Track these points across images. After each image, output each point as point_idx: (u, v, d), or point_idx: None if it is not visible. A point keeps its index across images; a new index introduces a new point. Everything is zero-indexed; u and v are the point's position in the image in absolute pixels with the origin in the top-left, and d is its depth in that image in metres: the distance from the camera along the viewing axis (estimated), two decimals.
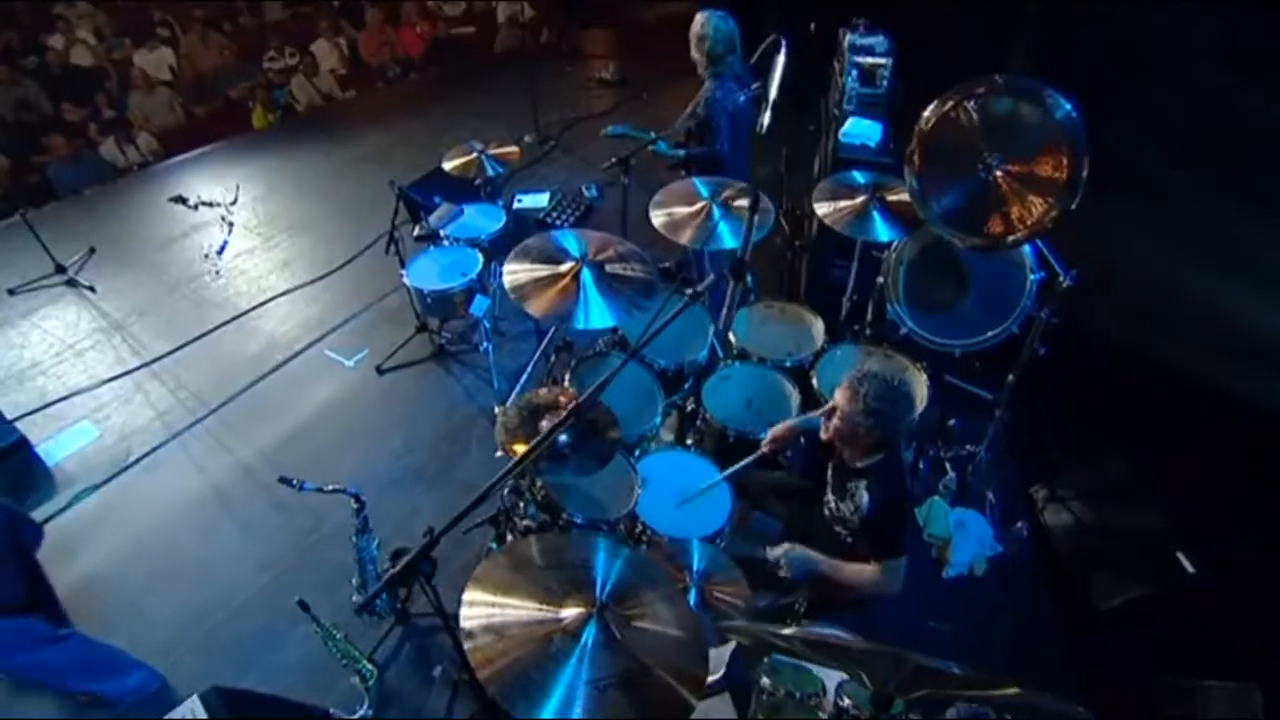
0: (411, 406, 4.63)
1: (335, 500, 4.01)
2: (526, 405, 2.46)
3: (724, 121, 4.24)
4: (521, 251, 2.79)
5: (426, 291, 4.12)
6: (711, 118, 4.24)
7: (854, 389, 2.47)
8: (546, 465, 2.28)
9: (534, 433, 2.30)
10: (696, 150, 4.35)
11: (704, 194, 3.38)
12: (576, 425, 2.26)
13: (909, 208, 3.11)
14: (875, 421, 2.45)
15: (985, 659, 3.29)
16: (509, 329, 5.12)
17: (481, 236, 4.48)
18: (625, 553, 1.93)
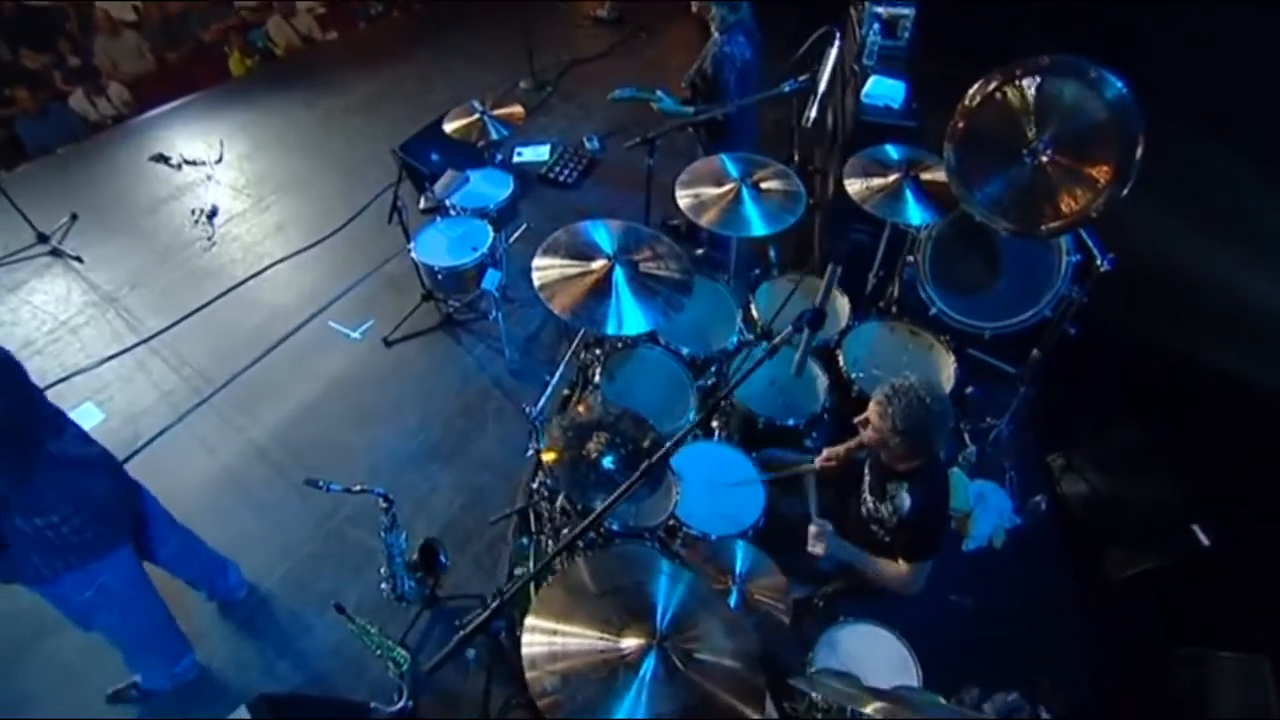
0: (423, 380, 4.56)
1: (354, 479, 3.99)
2: (571, 424, 2.39)
3: (732, 79, 4.07)
4: (551, 246, 2.67)
5: (438, 269, 3.99)
6: (720, 75, 4.06)
7: (883, 406, 2.43)
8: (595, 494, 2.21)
9: (580, 455, 2.23)
10: (704, 109, 4.17)
11: (733, 174, 3.24)
12: (623, 449, 2.21)
13: (943, 188, 3.00)
14: (904, 440, 2.42)
15: (1003, 632, 3.38)
16: (516, 295, 4.99)
17: (489, 206, 4.32)
18: (687, 578, 1.91)
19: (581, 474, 2.19)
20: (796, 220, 3.12)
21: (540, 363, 4.63)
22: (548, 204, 5.72)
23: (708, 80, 4.15)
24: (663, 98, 4.31)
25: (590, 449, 2.23)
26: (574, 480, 2.19)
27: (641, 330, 2.44)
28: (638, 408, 3.03)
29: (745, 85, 4.18)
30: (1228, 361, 3.28)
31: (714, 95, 4.16)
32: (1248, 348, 3.24)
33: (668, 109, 4.31)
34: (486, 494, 4.00)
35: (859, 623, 2.55)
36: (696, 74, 4.29)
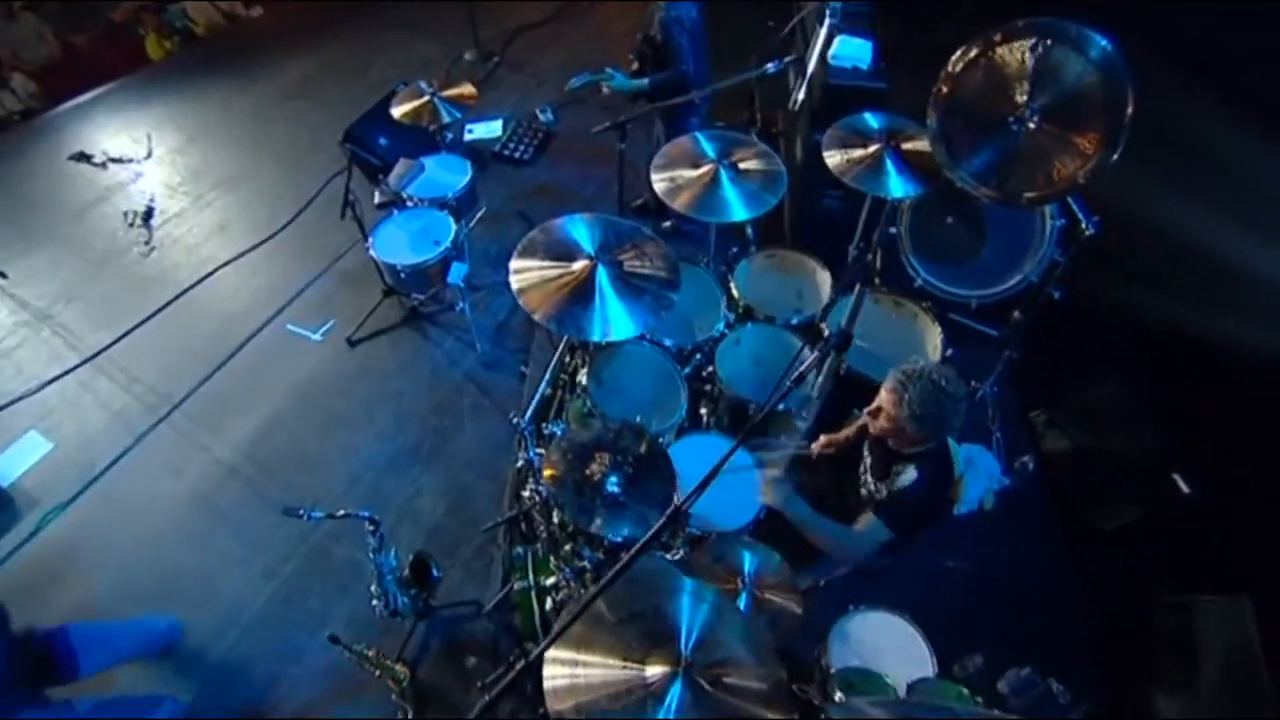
0: (392, 380, 4.38)
1: (333, 492, 3.89)
2: (570, 446, 2.27)
3: (685, 40, 3.92)
4: (528, 247, 2.52)
5: (400, 267, 3.79)
6: (671, 38, 3.91)
7: (898, 394, 2.37)
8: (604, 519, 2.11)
9: (583, 477, 2.13)
10: (660, 76, 4.02)
11: (710, 154, 3.10)
12: (627, 468, 2.11)
13: (926, 158, 2.92)
14: (921, 426, 2.37)
15: (1000, 594, 3.44)
16: (481, 282, 4.81)
17: (448, 195, 4.11)
18: (711, 596, 1.84)
19: (586, 498, 2.09)
20: (779, 201, 3.01)
21: (512, 352, 4.49)
22: (505, 184, 5.50)
23: (657, 47, 4.00)
24: (613, 75, 4.14)
25: (593, 470, 2.13)
26: (579, 505, 2.08)
27: (631, 335, 2.32)
28: (628, 406, 2.96)
29: (697, 45, 4.05)
30: (1202, 315, 3.31)
31: (666, 61, 4.00)
32: (1221, 301, 3.27)
33: (619, 86, 4.14)
34: (471, 495, 3.89)
35: (869, 611, 2.55)
36: (643, 43, 4.12)
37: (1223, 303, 3.35)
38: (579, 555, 2.40)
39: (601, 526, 2.01)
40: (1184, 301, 3.27)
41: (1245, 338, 3.28)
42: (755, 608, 2.37)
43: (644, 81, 4.07)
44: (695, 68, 4.04)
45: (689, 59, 3.97)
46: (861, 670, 2.18)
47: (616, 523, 2.05)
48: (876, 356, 3.49)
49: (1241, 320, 3.35)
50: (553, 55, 6.65)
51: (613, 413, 2.82)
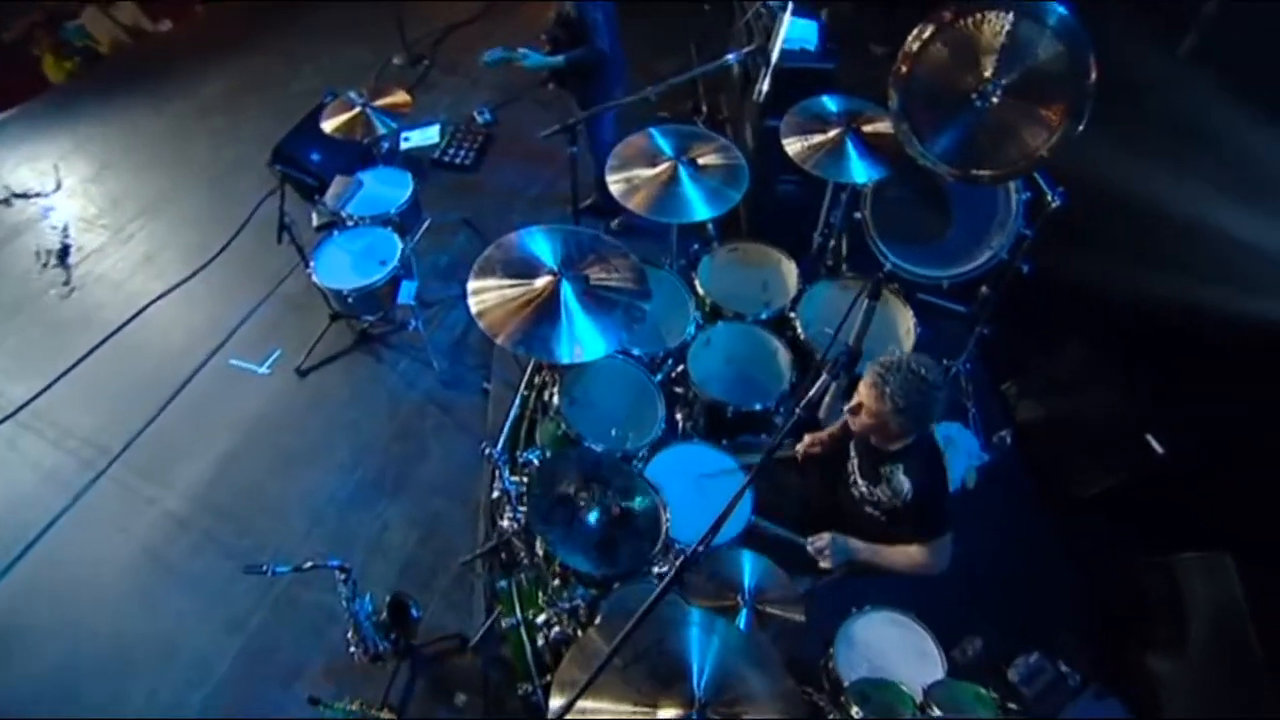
0: (348, 408, 4.16)
1: (295, 534, 3.68)
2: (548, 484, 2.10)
3: (600, 16, 3.83)
4: (485, 266, 2.36)
5: (346, 291, 3.58)
6: (586, 15, 3.82)
7: (878, 387, 2.30)
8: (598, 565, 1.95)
9: (572, 516, 1.98)
10: (576, 53, 3.91)
11: (668, 151, 2.97)
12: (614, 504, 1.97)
13: (888, 140, 2.85)
14: (904, 418, 2.31)
15: (991, 572, 3.42)
16: (433, 297, 4.61)
17: (390, 210, 3.90)
18: (721, 627, 1.74)
19: (575, 537, 1.94)
20: (741, 197, 2.91)
21: (472, 368, 4.32)
22: (448, 192, 5.28)
23: (571, 25, 3.90)
24: (528, 54, 4.01)
25: (580, 501, 1.98)
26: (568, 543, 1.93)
27: (603, 353, 2.19)
28: (604, 422, 2.83)
29: (612, 23, 3.96)
30: (1164, 277, 3.34)
31: (581, 40, 3.91)
32: (1182, 262, 3.29)
33: (534, 64, 4.01)
34: (443, 522, 3.72)
35: (872, 612, 2.48)
36: (556, 25, 4.02)
37: (1184, 264, 3.38)
38: (570, 590, 2.27)
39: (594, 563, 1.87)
40: (1146, 265, 3.29)
41: (1208, 298, 3.32)
42: (758, 623, 2.28)
43: (559, 59, 3.96)
44: (611, 46, 3.95)
45: (605, 36, 3.87)
46: (876, 681, 2.11)
47: (609, 556, 1.91)
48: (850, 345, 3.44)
49: (1203, 280, 3.39)
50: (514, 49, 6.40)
51: (588, 430, 2.68)
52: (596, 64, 3.98)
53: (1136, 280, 3.46)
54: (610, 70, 4.12)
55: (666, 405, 2.93)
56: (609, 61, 4.02)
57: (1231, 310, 3.29)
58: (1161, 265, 3.38)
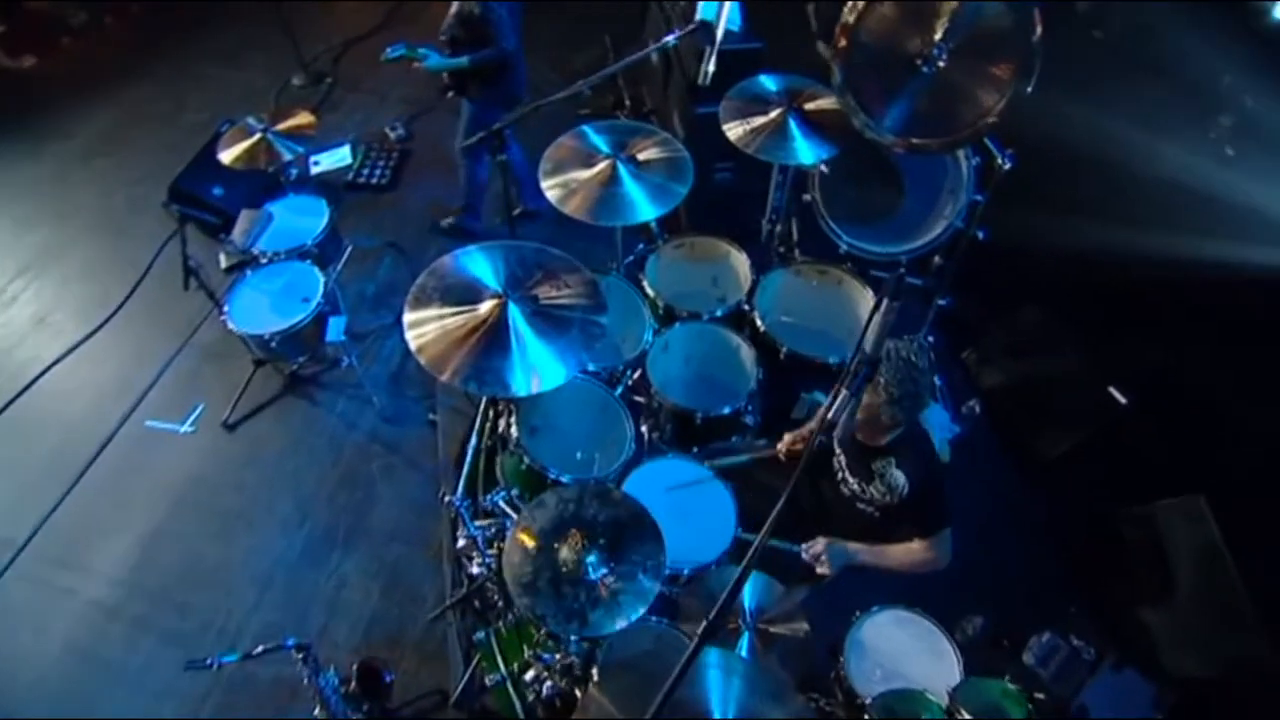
0: (286, 459, 3.85)
1: (243, 606, 3.36)
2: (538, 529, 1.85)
3: (504, 12, 3.65)
4: (420, 296, 2.12)
5: (268, 335, 3.28)
6: (489, 13, 3.62)
7: (882, 385, 2.17)
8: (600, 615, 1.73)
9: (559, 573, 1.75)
10: (481, 54, 3.72)
11: (602, 149, 2.78)
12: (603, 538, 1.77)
13: (832, 116, 2.73)
14: (899, 409, 2.19)
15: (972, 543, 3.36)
16: (364, 328, 4.32)
17: (307, 242, 3.59)
18: (741, 667, 1.57)
19: (569, 598, 1.72)
20: (688, 192, 2.74)
21: (415, 400, 4.06)
22: (367, 214, 4.97)
23: (473, 23, 3.69)
24: (428, 54, 3.79)
25: (566, 558, 1.78)
26: (560, 609, 1.71)
27: (564, 378, 1.99)
28: (569, 448, 2.64)
29: (516, 18, 3.78)
30: (1111, 230, 3.34)
31: (483, 39, 3.70)
32: (1128, 213, 3.30)
33: (435, 66, 3.81)
34: (404, 569, 3.47)
35: (878, 614, 2.36)
36: (455, 25, 3.79)
37: (1131, 215, 3.39)
38: (559, 644, 2.06)
39: (600, 624, 1.67)
40: (1090, 219, 3.28)
41: (1156, 246, 3.33)
42: (762, 645, 2.12)
43: (463, 59, 3.74)
44: (517, 46, 3.77)
45: (509, 34, 3.69)
46: (899, 692, 1.98)
47: (613, 613, 1.71)
48: (811, 331, 3.33)
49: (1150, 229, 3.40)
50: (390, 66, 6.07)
51: (552, 460, 2.48)
52: (501, 65, 3.76)
53: (1082, 235, 3.47)
54: (514, 72, 3.92)
55: (633, 419, 2.75)
56: (514, 62, 3.81)
57: (1178, 256, 3.32)
58: (1105, 218, 3.38)
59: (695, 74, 3.02)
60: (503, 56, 3.73)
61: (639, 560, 1.78)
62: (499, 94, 3.92)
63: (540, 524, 1.83)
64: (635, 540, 1.83)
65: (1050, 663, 2.42)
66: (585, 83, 2.63)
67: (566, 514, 1.86)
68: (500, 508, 2.36)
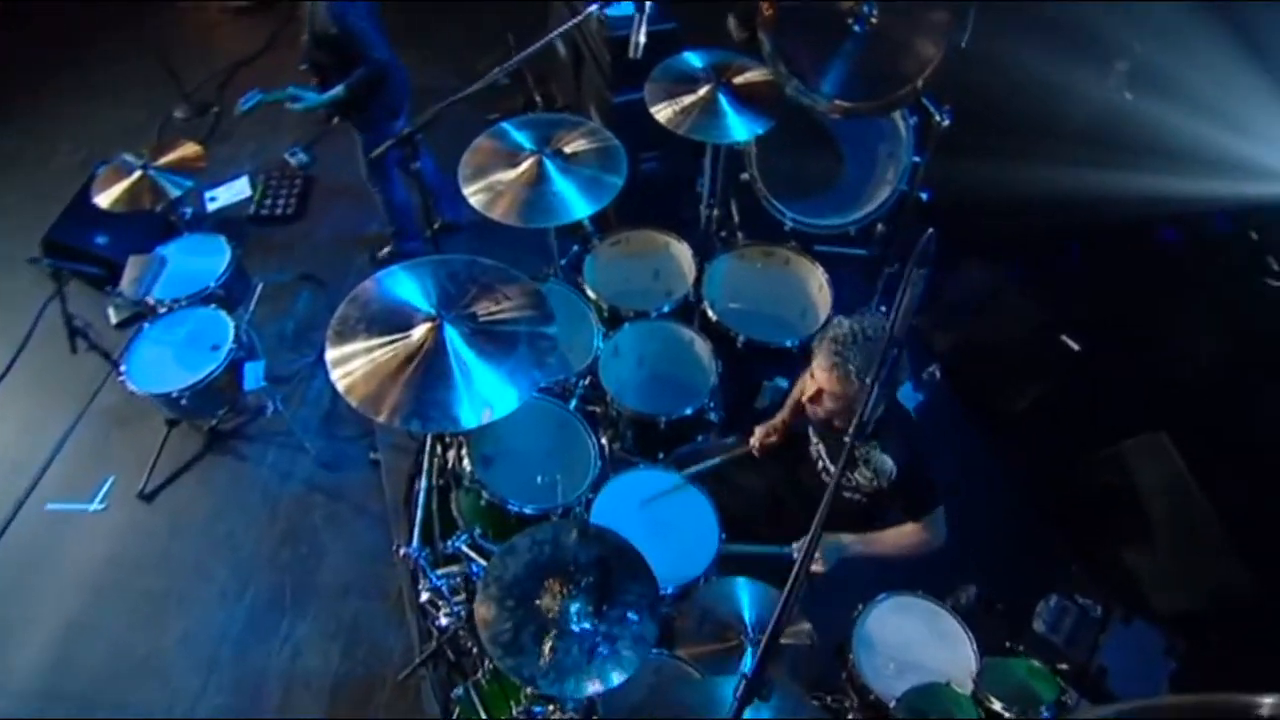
0: (217, 523, 3.51)
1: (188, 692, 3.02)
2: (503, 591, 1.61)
3: (365, 24, 3.38)
4: (343, 329, 1.88)
5: (176, 392, 2.94)
6: (349, 27, 3.33)
7: (840, 368, 2.05)
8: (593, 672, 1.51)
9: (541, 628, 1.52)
10: (356, 77, 3.42)
11: (526, 145, 2.58)
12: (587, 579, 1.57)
13: (763, 88, 2.60)
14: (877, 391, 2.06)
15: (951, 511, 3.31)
16: (286, 370, 3.99)
17: (210, 284, 3.26)
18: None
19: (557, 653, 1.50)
20: (624, 184, 2.56)
21: (352, 440, 3.77)
22: (276, 248, 4.62)
23: (334, 43, 3.40)
24: (297, 94, 3.51)
25: (548, 606, 1.56)
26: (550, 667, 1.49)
27: (518, 402, 1.78)
28: (529, 474, 2.42)
29: (378, 24, 3.51)
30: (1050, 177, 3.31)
31: (351, 57, 3.41)
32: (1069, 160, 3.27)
33: (311, 105, 3.53)
34: (364, 625, 3.20)
35: (880, 603, 2.23)
36: (313, 48, 3.50)
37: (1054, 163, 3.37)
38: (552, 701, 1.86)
39: (594, 682, 1.47)
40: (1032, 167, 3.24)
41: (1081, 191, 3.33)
42: None
43: (339, 90, 3.44)
44: (389, 54, 3.50)
45: (378, 45, 3.41)
46: (922, 689, 1.85)
47: (608, 666, 1.50)
48: (763, 316, 3.21)
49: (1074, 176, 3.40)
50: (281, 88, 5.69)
51: (512, 490, 2.26)
52: (381, 80, 3.48)
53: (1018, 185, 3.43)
54: (394, 80, 3.64)
55: (594, 433, 2.56)
56: (391, 70, 3.54)
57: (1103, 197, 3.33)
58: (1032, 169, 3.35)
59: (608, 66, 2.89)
60: (379, 71, 3.44)
61: (631, 600, 1.58)
62: (385, 109, 3.65)
63: (513, 572, 1.62)
64: (624, 578, 1.63)
65: (1061, 627, 2.36)
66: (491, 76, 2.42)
67: (542, 558, 1.65)
68: (464, 552, 2.13)
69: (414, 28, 5.61)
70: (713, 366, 2.85)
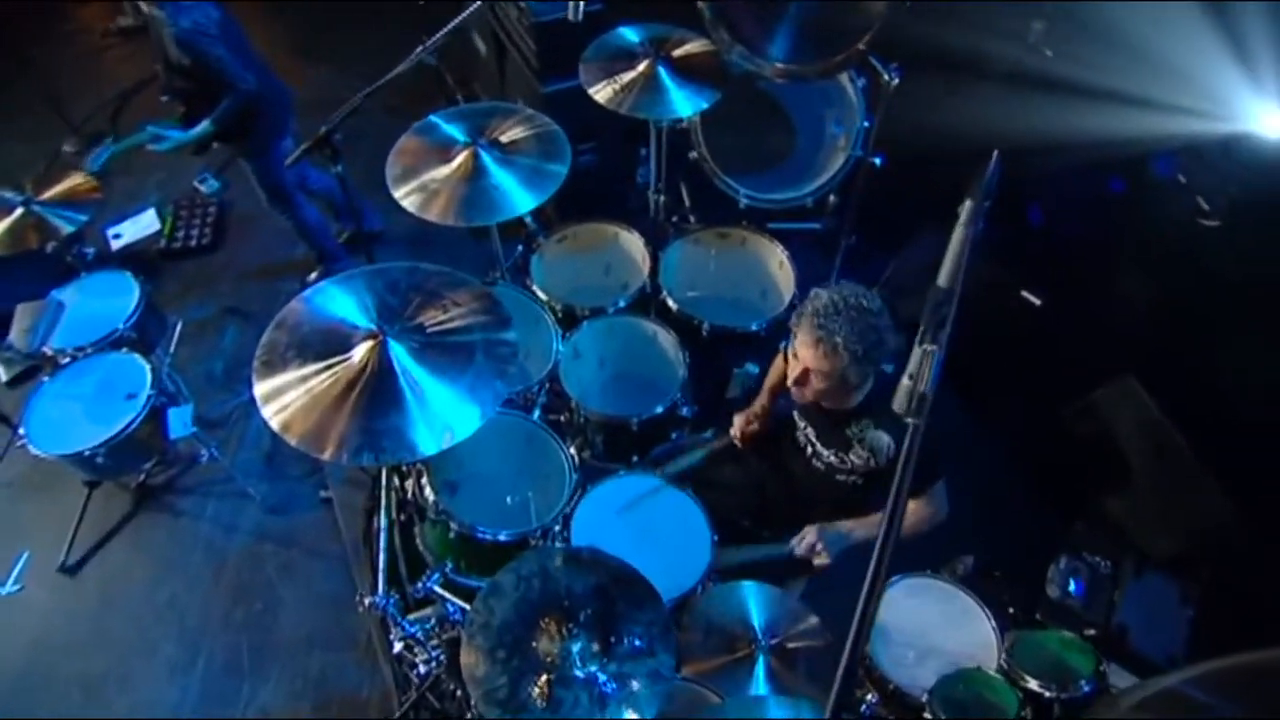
0: (157, 589, 3.19)
1: None
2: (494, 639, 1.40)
3: (220, 50, 3.05)
4: (270, 358, 1.64)
5: (88, 451, 2.63)
6: (201, 53, 3.02)
7: (826, 342, 1.91)
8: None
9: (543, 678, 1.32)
10: (221, 109, 3.12)
11: (459, 137, 2.36)
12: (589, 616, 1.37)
13: (705, 59, 2.45)
14: (865, 364, 1.94)
15: None
16: (218, 413, 3.69)
17: (119, 327, 2.94)
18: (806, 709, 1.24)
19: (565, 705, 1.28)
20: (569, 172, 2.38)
21: (300, 479, 3.49)
22: (194, 282, 4.28)
23: (188, 72, 3.11)
24: (158, 133, 3.20)
25: (546, 650, 1.34)
26: None
27: (480, 422, 1.57)
28: (499, 496, 2.22)
29: (241, 43, 3.22)
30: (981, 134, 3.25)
31: (214, 88, 3.12)
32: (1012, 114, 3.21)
33: (175, 144, 3.22)
34: (333, 679, 2.95)
35: (889, 588, 2.09)
36: (172, 77, 3.18)
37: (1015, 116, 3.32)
38: None
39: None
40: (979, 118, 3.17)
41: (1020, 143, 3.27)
42: (782, 667, 1.81)
43: (205, 125, 3.14)
44: (259, 76, 3.21)
45: (240, 70, 3.11)
46: (952, 677, 1.72)
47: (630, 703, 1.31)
48: (725, 300, 3.08)
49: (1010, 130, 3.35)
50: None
51: (483, 518, 2.05)
52: (251, 107, 3.19)
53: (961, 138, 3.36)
54: (268, 106, 3.35)
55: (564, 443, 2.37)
56: (263, 92, 3.23)
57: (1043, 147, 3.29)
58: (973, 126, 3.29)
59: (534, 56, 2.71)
60: (249, 99, 3.13)
61: (639, 630, 1.40)
62: (267, 133, 3.39)
63: (501, 616, 1.41)
64: (627, 605, 1.45)
65: (1076, 588, 2.27)
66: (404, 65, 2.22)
67: (532, 594, 1.45)
68: (437, 593, 1.92)
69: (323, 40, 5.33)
70: (680, 359, 2.69)
